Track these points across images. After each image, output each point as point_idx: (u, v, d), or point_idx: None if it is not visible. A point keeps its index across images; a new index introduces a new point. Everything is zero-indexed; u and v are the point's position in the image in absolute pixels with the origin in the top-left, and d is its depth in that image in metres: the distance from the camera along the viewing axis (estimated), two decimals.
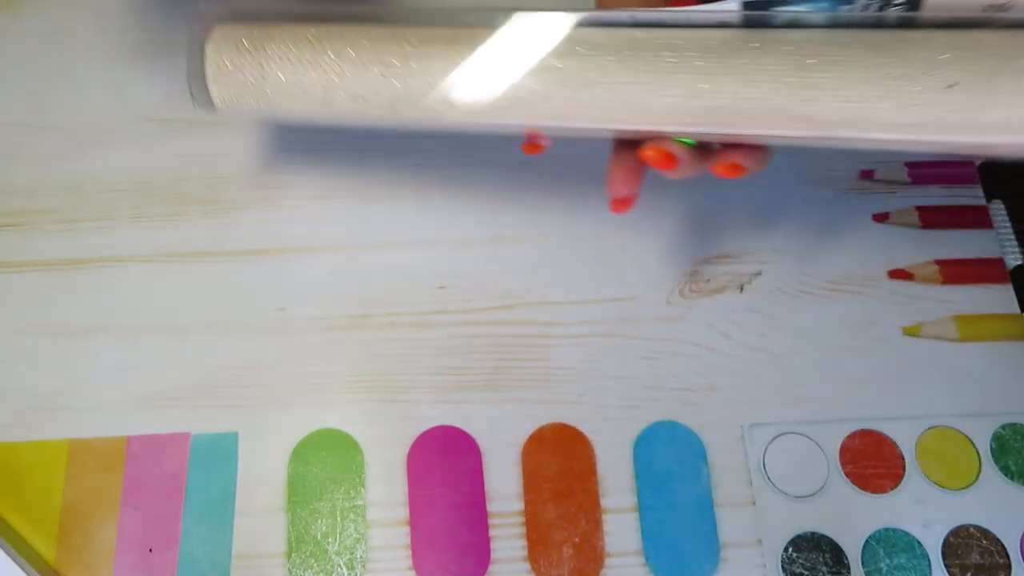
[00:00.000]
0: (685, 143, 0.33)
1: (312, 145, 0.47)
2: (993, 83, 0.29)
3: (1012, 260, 0.47)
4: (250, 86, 0.34)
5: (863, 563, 0.40)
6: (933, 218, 0.47)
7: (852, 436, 0.42)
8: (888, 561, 0.40)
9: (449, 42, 0.33)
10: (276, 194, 0.46)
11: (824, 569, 0.40)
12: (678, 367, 0.43)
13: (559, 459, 0.41)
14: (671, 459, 0.41)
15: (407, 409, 0.42)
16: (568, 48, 0.32)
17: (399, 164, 0.47)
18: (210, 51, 0.34)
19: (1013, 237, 0.47)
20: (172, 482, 0.40)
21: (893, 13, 0.30)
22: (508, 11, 0.33)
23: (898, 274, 0.46)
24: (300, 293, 0.44)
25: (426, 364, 0.43)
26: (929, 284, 0.46)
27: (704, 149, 0.34)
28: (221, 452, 0.40)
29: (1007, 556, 0.40)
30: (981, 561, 0.40)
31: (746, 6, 0.31)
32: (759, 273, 0.46)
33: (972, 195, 0.48)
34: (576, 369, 0.43)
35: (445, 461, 0.41)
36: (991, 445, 0.42)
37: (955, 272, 0.46)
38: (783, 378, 0.43)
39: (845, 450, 0.42)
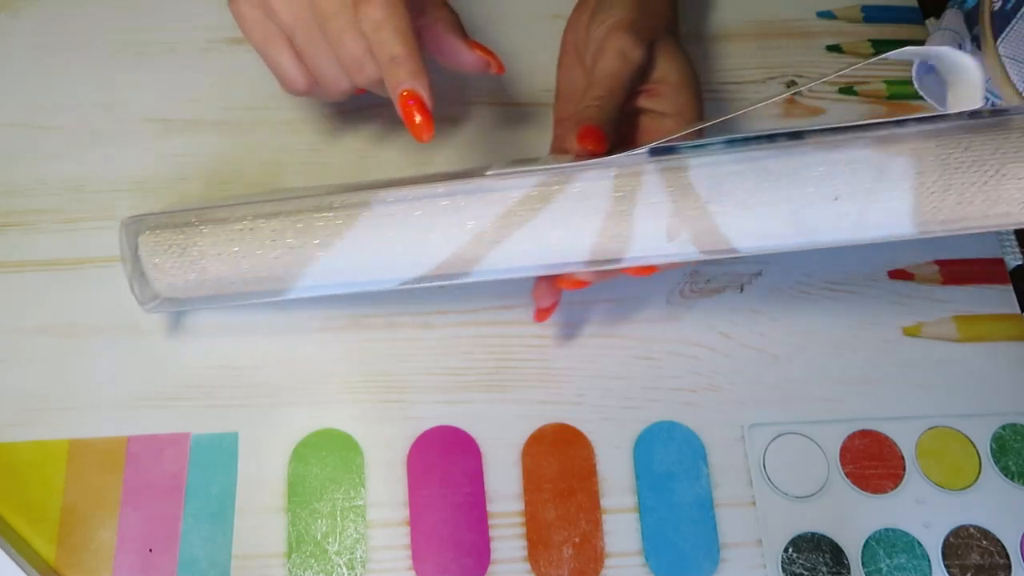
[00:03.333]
0: None
1: (311, 146, 0.47)
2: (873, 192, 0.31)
3: (1012, 260, 0.47)
4: (188, 265, 0.37)
5: (863, 563, 0.40)
6: None
7: (852, 436, 0.42)
8: (888, 561, 0.40)
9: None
10: None
11: (824, 569, 0.40)
12: (678, 367, 0.43)
13: (559, 459, 0.41)
14: (671, 459, 0.41)
15: (407, 409, 0.42)
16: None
17: (398, 165, 0.47)
18: (145, 253, 0.37)
19: (1013, 237, 0.47)
20: (172, 482, 0.40)
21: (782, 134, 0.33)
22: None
23: (898, 274, 0.46)
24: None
25: (426, 364, 0.43)
26: (929, 284, 0.46)
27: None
28: (221, 452, 0.40)
29: (1007, 556, 0.40)
30: (981, 561, 0.40)
31: (652, 152, 0.33)
32: (759, 273, 0.46)
33: None
34: (576, 369, 0.43)
35: (445, 461, 0.41)
36: (991, 445, 0.42)
37: (955, 272, 0.46)
38: (783, 378, 0.43)
39: (845, 450, 0.42)
